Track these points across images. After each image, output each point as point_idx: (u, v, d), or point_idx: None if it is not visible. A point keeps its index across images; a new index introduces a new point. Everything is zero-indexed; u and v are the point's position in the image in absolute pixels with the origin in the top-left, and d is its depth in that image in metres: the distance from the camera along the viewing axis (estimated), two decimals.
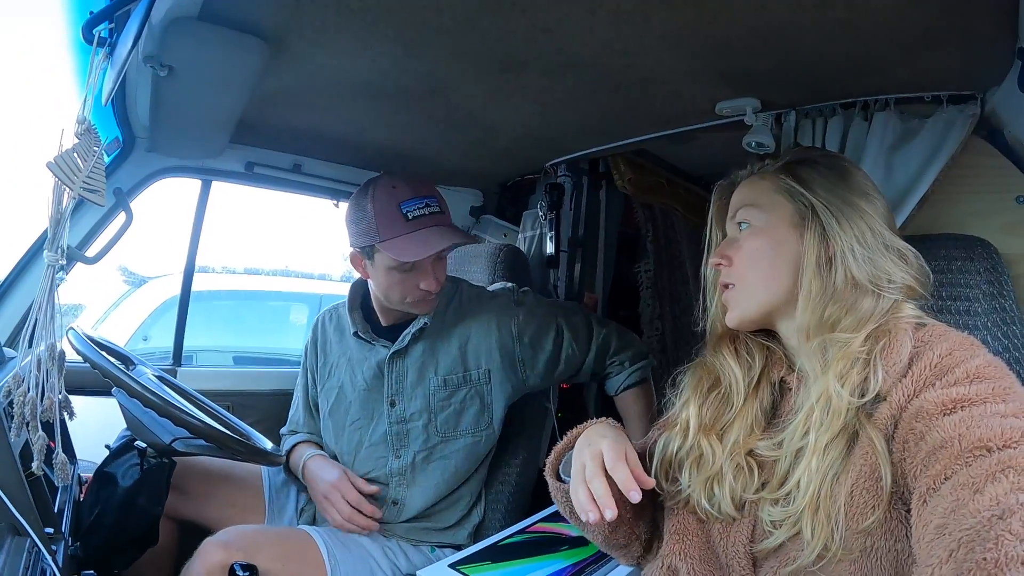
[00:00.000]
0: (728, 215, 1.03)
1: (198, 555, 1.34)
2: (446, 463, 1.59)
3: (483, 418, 1.60)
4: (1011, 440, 0.65)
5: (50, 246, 1.02)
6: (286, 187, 2.11)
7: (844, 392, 0.82)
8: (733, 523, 0.93)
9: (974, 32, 1.09)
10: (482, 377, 1.58)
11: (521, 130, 1.81)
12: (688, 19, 1.12)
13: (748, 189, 1.01)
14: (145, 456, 1.31)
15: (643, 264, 2.39)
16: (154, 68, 1.25)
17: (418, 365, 1.60)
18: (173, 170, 1.84)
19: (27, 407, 0.97)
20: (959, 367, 0.78)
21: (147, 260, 4.93)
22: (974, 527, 0.57)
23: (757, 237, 0.97)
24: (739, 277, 0.97)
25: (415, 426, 1.59)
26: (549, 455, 1.15)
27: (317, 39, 1.25)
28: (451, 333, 1.61)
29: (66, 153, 0.98)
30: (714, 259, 1.02)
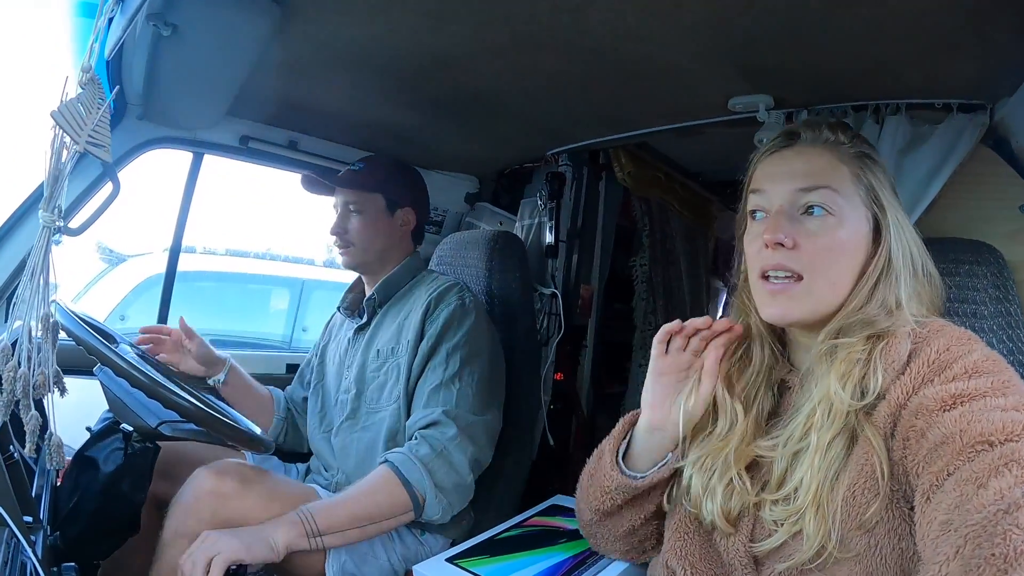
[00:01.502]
0: (790, 182, 0.89)
1: (190, 482, 1.29)
2: (369, 436, 1.57)
3: (395, 391, 1.55)
4: (1013, 434, 0.65)
5: (46, 205, 0.95)
6: (281, 164, 2.04)
7: (845, 394, 0.81)
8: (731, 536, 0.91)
9: (992, 42, 1.10)
10: (403, 349, 1.56)
11: (526, 115, 1.79)
12: (719, 9, 1.11)
13: (827, 166, 0.89)
14: (130, 440, 1.25)
15: (638, 258, 2.38)
16: (157, 26, 1.18)
17: (370, 338, 1.65)
18: (165, 140, 1.76)
19: (19, 383, 0.90)
20: (957, 362, 0.77)
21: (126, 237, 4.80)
22: (980, 523, 0.57)
23: (837, 230, 0.87)
24: (807, 268, 0.86)
25: (349, 397, 1.62)
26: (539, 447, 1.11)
27: (334, 5, 1.20)
28: (400, 310, 1.63)
29: (71, 102, 0.91)
30: (775, 236, 0.86)
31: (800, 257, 0.86)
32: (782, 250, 0.86)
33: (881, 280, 0.87)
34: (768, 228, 0.88)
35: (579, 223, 2.24)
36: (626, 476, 0.99)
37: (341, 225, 1.64)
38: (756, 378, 0.96)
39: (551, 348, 2.15)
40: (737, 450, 0.92)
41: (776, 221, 0.88)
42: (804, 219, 0.88)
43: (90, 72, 0.94)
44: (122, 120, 1.66)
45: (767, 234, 0.87)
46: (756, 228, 0.92)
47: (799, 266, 0.86)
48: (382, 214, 1.65)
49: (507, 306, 1.81)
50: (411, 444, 1.41)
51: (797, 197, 0.88)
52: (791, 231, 0.86)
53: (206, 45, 1.29)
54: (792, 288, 0.87)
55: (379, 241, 1.64)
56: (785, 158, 0.92)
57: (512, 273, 1.83)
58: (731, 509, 0.90)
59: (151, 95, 1.54)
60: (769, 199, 0.91)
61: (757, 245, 0.90)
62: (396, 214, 1.66)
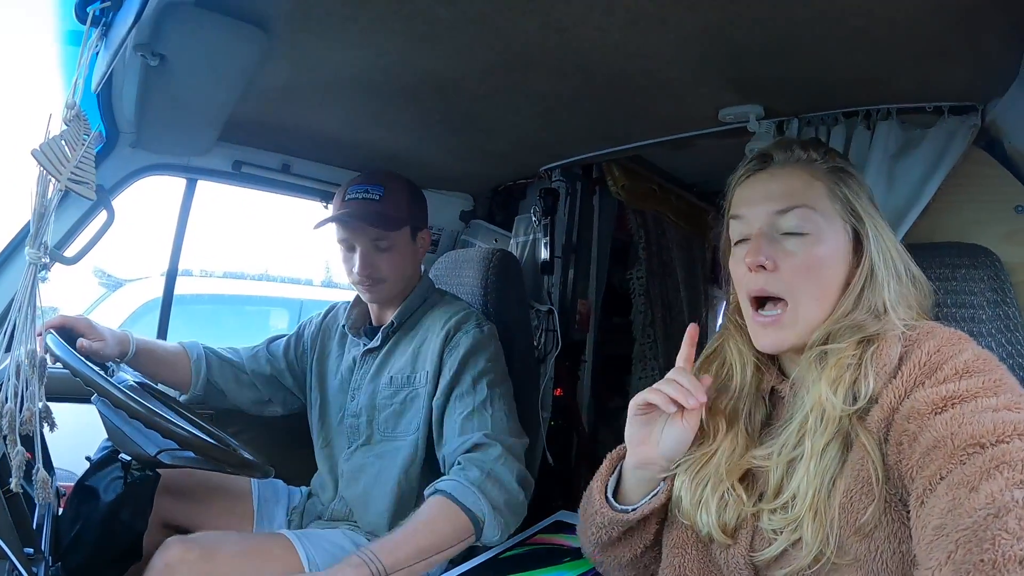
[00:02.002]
0: (767, 204, 0.91)
1: (160, 550, 1.30)
2: (382, 463, 1.55)
3: (414, 421, 1.54)
4: (1004, 435, 0.65)
5: (32, 242, 0.96)
6: (274, 188, 2.05)
7: (836, 400, 0.81)
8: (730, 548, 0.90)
9: (981, 45, 1.10)
10: (422, 379, 1.54)
11: (518, 133, 1.79)
12: (706, 23, 1.11)
13: (802, 185, 0.91)
14: (129, 469, 1.24)
15: (635, 271, 2.38)
16: (145, 56, 1.18)
17: (380, 363, 1.63)
18: (158, 167, 1.77)
19: (4, 419, 0.90)
20: (948, 363, 0.77)
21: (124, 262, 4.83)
22: (971, 527, 0.57)
23: (816, 247, 0.88)
24: (789, 290, 0.88)
25: (361, 422, 1.60)
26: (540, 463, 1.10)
27: (321, 30, 1.20)
28: (414, 335, 1.61)
29: (53, 140, 0.92)
30: (755, 259, 0.88)
31: (781, 278, 0.88)
32: (763, 272, 0.89)
33: (866, 288, 0.88)
34: (749, 252, 0.90)
35: (574, 238, 2.24)
36: (617, 511, 0.98)
37: (370, 264, 1.57)
38: (740, 393, 0.96)
39: (549, 364, 2.14)
40: (729, 462, 0.92)
41: (756, 244, 0.90)
42: (783, 239, 0.90)
43: (74, 108, 0.94)
44: (115, 148, 1.67)
45: (748, 258, 0.89)
46: (739, 252, 0.94)
47: (780, 288, 0.89)
48: (408, 244, 1.62)
49: (504, 324, 1.80)
50: (456, 470, 1.38)
51: (775, 219, 0.91)
52: (771, 253, 0.89)
53: (194, 73, 1.29)
54: (781, 319, 0.89)
55: (408, 270, 1.63)
56: (760, 181, 0.95)
57: (508, 291, 1.83)
58: (727, 521, 0.89)
59: (143, 123, 1.54)
60: (749, 223, 0.93)
61: (742, 269, 0.92)
62: (417, 239, 1.65)
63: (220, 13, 1.12)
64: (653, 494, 0.97)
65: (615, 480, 1.03)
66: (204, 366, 1.70)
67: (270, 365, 1.78)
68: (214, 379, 1.70)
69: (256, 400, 1.77)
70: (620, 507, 0.98)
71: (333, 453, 1.66)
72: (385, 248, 1.57)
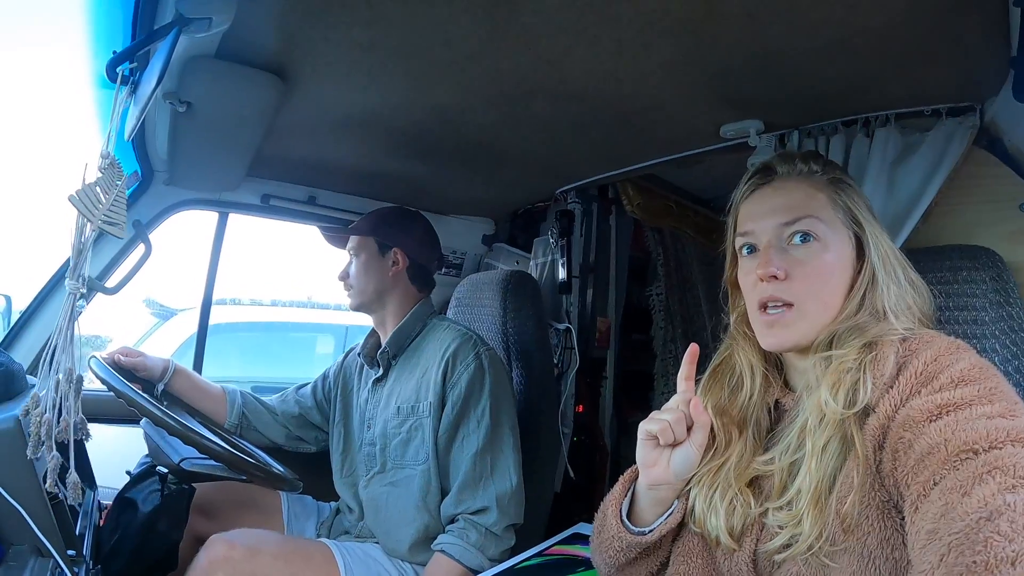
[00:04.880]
0: (773, 218, 0.94)
1: (204, 548, 1.37)
2: (398, 491, 1.61)
3: (421, 451, 1.59)
4: (997, 441, 0.66)
5: (71, 274, 1.06)
6: (302, 219, 2.15)
7: (835, 403, 0.83)
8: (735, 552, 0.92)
9: (967, 44, 1.11)
10: (425, 410, 1.60)
11: (530, 159, 1.85)
12: (687, 47, 1.16)
13: (805, 197, 0.94)
14: (166, 482, 1.34)
15: (655, 287, 2.40)
16: (173, 104, 1.30)
17: (388, 392, 1.69)
18: (191, 203, 1.89)
19: (43, 427, 1.00)
20: (944, 372, 0.78)
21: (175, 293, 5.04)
22: (963, 530, 0.58)
23: (824, 254, 0.91)
24: (799, 296, 0.90)
25: (376, 450, 1.66)
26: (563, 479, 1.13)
27: (330, 75, 1.30)
28: (416, 364, 1.67)
29: (88, 187, 1.02)
30: (767, 270, 0.91)
31: (791, 286, 0.90)
32: (775, 282, 0.91)
33: (868, 292, 0.90)
34: (760, 263, 0.92)
35: (591, 257, 2.28)
36: (633, 534, 0.99)
37: (345, 270, 1.74)
38: (749, 401, 0.98)
39: (569, 380, 2.18)
40: (736, 468, 0.94)
41: (766, 255, 0.92)
42: (792, 249, 0.92)
43: (108, 158, 1.04)
44: (150, 186, 1.80)
45: (760, 269, 0.91)
46: (749, 264, 0.96)
47: (791, 295, 0.90)
48: (374, 256, 1.71)
49: (523, 343, 1.85)
50: (461, 529, 1.50)
51: (782, 231, 0.93)
52: (782, 263, 0.91)
53: (219, 117, 1.40)
54: (786, 316, 0.91)
55: (372, 282, 1.70)
56: (765, 195, 0.97)
57: (526, 311, 1.88)
58: (734, 525, 0.91)
59: (175, 163, 1.66)
60: (757, 237, 0.95)
61: (752, 279, 0.94)
62: (387, 256, 1.72)
63: (239, 63, 1.23)
64: (668, 514, 0.98)
65: (628, 501, 1.04)
66: (239, 399, 1.81)
67: (298, 406, 1.87)
68: (248, 413, 1.81)
69: (288, 437, 1.86)
70: (637, 530, 1.00)
71: (355, 482, 1.73)
72: (354, 255, 1.73)
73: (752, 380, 0.99)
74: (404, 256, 1.73)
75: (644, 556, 1.02)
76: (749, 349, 1.00)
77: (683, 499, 0.98)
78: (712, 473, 0.96)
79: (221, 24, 1.05)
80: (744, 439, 0.96)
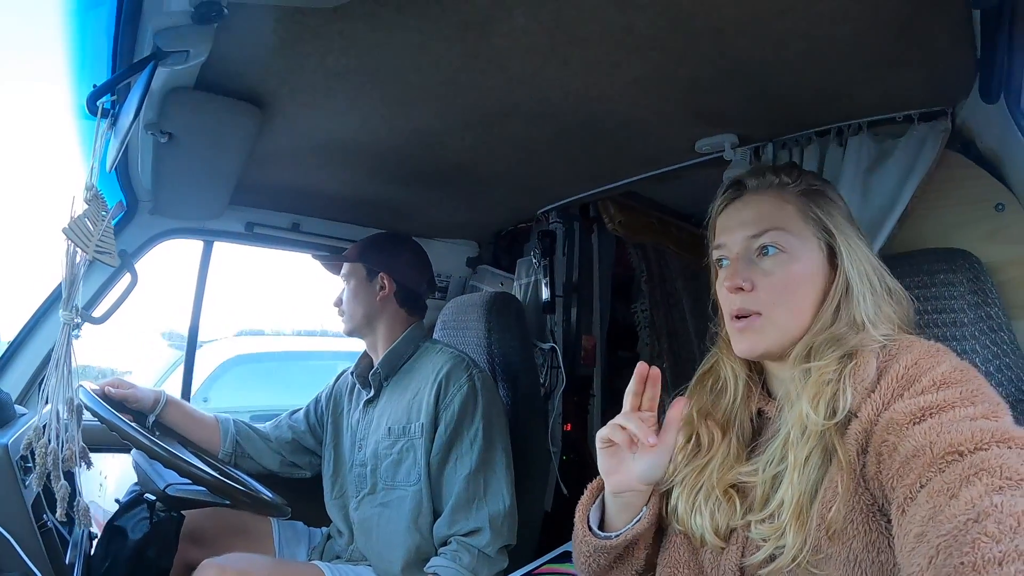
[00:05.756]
0: (742, 231, 0.97)
1: (196, 573, 1.37)
2: (389, 512, 1.61)
3: (413, 472, 1.59)
4: (982, 443, 0.66)
5: (65, 305, 1.08)
6: (286, 246, 2.16)
7: (816, 415, 0.83)
8: (722, 551, 0.93)
9: (933, 49, 1.13)
10: (417, 431, 1.60)
11: (510, 179, 1.87)
12: (656, 64, 1.18)
13: (773, 209, 0.96)
14: (154, 510, 1.33)
15: (639, 304, 2.41)
16: (154, 135, 1.32)
17: (379, 413, 1.70)
18: (176, 232, 1.90)
19: (49, 457, 1.02)
20: (925, 375, 0.79)
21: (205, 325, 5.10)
22: (951, 532, 0.58)
23: (790, 265, 0.93)
24: (766, 306, 0.93)
25: (367, 471, 1.66)
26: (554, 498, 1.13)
27: (308, 102, 1.32)
28: (407, 386, 1.68)
29: (79, 218, 1.05)
30: (733, 282, 0.94)
31: (758, 297, 0.93)
32: (742, 293, 0.94)
33: (843, 301, 0.92)
34: (728, 275, 0.96)
35: (574, 277, 2.29)
36: (599, 538, 1.00)
37: (338, 296, 1.76)
38: (732, 405, 1.00)
39: (556, 400, 2.18)
40: (720, 471, 0.95)
41: (734, 268, 0.96)
42: (759, 261, 0.95)
43: (92, 190, 1.06)
44: (135, 216, 1.81)
45: (727, 281, 0.95)
46: (721, 276, 0.99)
47: (758, 306, 0.93)
48: (363, 282, 1.74)
49: (508, 364, 1.86)
50: (454, 551, 1.50)
51: (750, 243, 0.96)
52: (748, 275, 0.94)
53: (200, 147, 1.41)
54: (754, 323, 0.93)
55: (361, 307, 1.73)
56: (736, 209, 1.01)
57: (510, 331, 1.90)
58: (719, 527, 0.92)
59: (159, 192, 1.67)
60: (728, 249, 0.99)
61: (724, 291, 0.97)
62: (374, 280, 1.74)
63: (217, 93, 1.25)
64: (636, 520, 0.99)
65: (599, 508, 1.05)
66: (232, 428, 1.80)
67: (292, 431, 1.86)
68: (242, 441, 1.79)
69: (282, 463, 1.85)
70: (603, 535, 1.00)
71: (345, 503, 1.73)
72: (346, 281, 1.77)
73: (736, 386, 1.01)
74: (391, 281, 1.74)
75: (618, 562, 1.02)
76: (733, 357, 1.02)
77: (652, 505, 0.99)
78: (696, 473, 0.97)
79: (198, 56, 1.07)
80: (728, 441, 0.97)
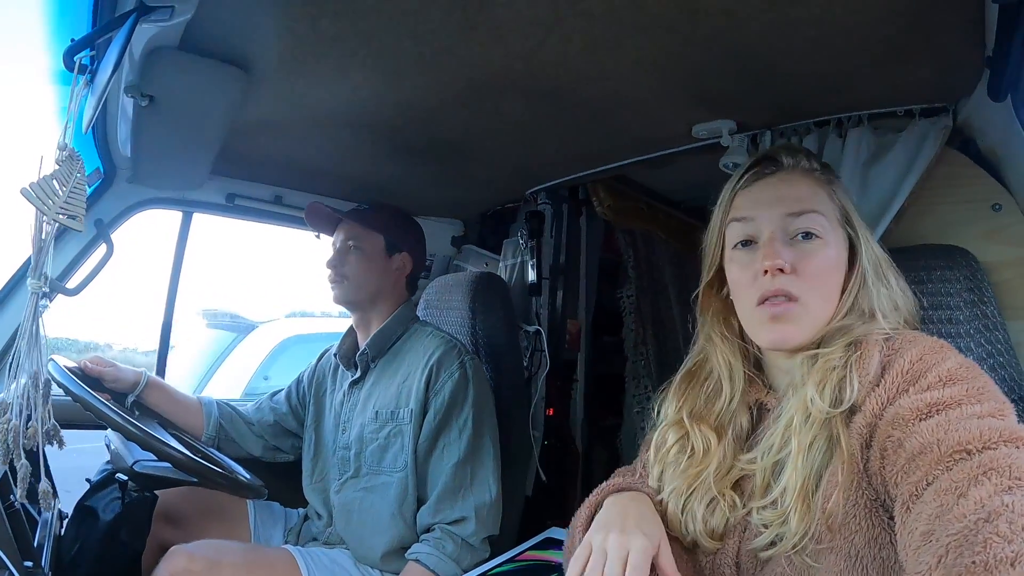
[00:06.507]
0: (780, 207, 0.92)
1: (164, 559, 1.33)
2: (372, 497, 1.58)
3: (400, 458, 1.56)
4: (990, 441, 0.65)
5: (33, 273, 1.02)
6: (268, 219, 2.10)
7: (821, 401, 0.82)
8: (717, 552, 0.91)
9: (941, 44, 1.12)
10: (406, 417, 1.57)
11: (501, 158, 1.83)
12: (661, 45, 1.15)
13: (811, 192, 0.93)
14: (127, 489, 1.29)
15: (625, 290, 2.40)
16: (135, 98, 1.25)
17: (366, 395, 1.66)
18: (154, 201, 1.83)
19: (10, 435, 0.97)
20: (931, 371, 0.78)
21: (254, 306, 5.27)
22: (961, 532, 0.57)
23: (827, 251, 0.90)
24: (804, 292, 0.88)
25: (350, 455, 1.63)
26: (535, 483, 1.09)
27: (297, 68, 1.26)
28: (396, 369, 1.64)
29: (44, 179, 0.98)
30: (774, 262, 0.87)
31: (798, 281, 0.88)
32: (781, 276, 0.88)
33: (860, 293, 0.90)
34: (766, 255, 0.89)
35: (562, 259, 2.26)
36: None
37: (339, 259, 1.68)
38: (727, 407, 0.97)
39: (539, 383, 2.16)
40: (718, 473, 0.93)
41: (772, 248, 0.89)
42: (797, 244, 0.90)
43: (67, 149, 1.00)
44: (112, 184, 1.73)
45: (767, 260, 0.88)
46: (746, 257, 0.93)
47: (798, 290, 0.88)
48: (380, 255, 1.69)
49: (492, 345, 1.83)
50: (437, 539, 1.47)
51: (787, 222, 0.91)
52: (789, 256, 0.88)
53: (182, 112, 1.34)
54: (791, 311, 0.88)
55: (373, 281, 1.67)
56: (771, 184, 0.95)
57: (495, 313, 1.87)
58: (714, 527, 0.90)
59: (138, 160, 1.59)
60: (758, 226, 0.93)
61: (750, 273, 0.91)
62: (394, 257, 1.70)
63: (202, 55, 1.18)
64: None
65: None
66: (216, 411, 1.75)
67: (273, 413, 1.82)
68: (225, 424, 1.75)
69: (265, 447, 1.81)
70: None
71: (326, 487, 1.69)
72: (355, 247, 1.68)
73: (731, 384, 0.98)
74: (410, 261, 1.72)
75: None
76: (727, 351, 0.99)
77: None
78: (688, 480, 0.94)
79: (184, 13, 1.02)
80: (723, 445, 0.95)
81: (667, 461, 0.99)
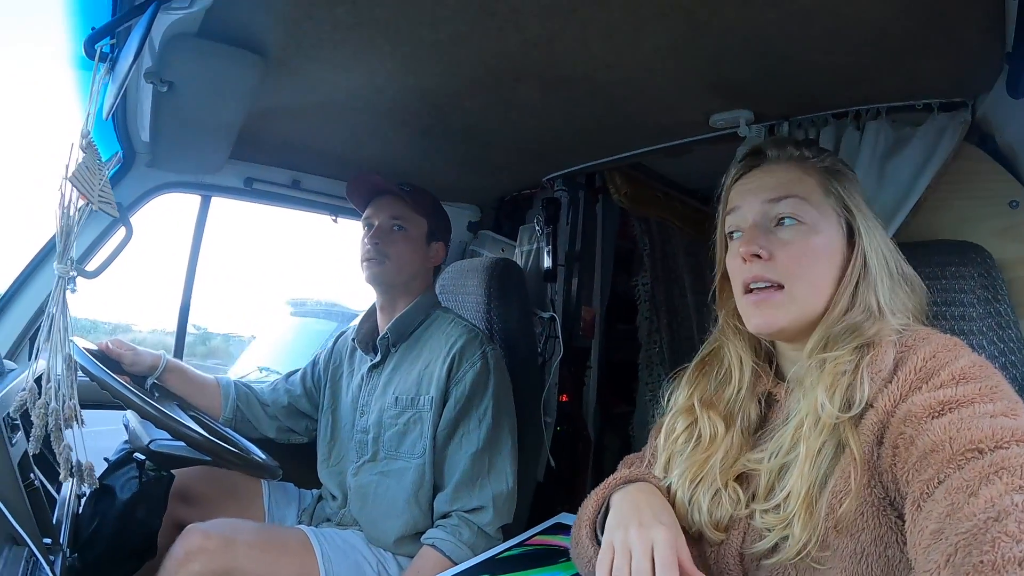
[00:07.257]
0: (760, 195, 0.92)
1: (180, 538, 1.35)
2: (388, 482, 1.59)
3: (419, 445, 1.57)
4: (1003, 440, 0.65)
5: (60, 258, 1.04)
6: (286, 203, 2.12)
7: (831, 406, 0.81)
8: (721, 544, 0.92)
9: (961, 39, 1.11)
10: (426, 404, 1.57)
11: (518, 145, 1.83)
12: (680, 32, 1.14)
13: (793, 178, 0.92)
14: (143, 469, 1.32)
15: (640, 277, 2.40)
16: (154, 84, 1.27)
17: (386, 380, 1.65)
18: (173, 185, 1.85)
19: (51, 418, 0.99)
20: (944, 369, 0.77)
21: (357, 297, 5.43)
22: (970, 530, 0.57)
23: (809, 237, 0.89)
24: (785, 277, 0.88)
25: (368, 438, 1.63)
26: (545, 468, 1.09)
27: (314, 54, 1.27)
28: (418, 355, 1.64)
29: (80, 166, 1.00)
30: (749, 248, 0.89)
31: (776, 267, 0.88)
32: (759, 262, 0.89)
33: (860, 283, 0.89)
34: (744, 242, 0.90)
35: (577, 246, 2.26)
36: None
37: (384, 236, 1.63)
38: (737, 396, 0.97)
39: (552, 369, 2.17)
40: (723, 463, 0.93)
41: (750, 235, 0.91)
42: (777, 230, 0.91)
43: (87, 137, 1.01)
44: (132, 168, 1.75)
45: (743, 247, 0.90)
46: (734, 246, 0.94)
47: (776, 275, 0.88)
48: (422, 240, 1.68)
49: (507, 331, 1.84)
50: (454, 525, 1.48)
51: (768, 208, 0.91)
52: (765, 243, 0.89)
53: (201, 97, 1.37)
54: (774, 296, 0.89)
55: (414, 265, 1.66)
56: (754, 176, 0.96)
57: (511, 299, 1.87)
58: (719, 519, 0.90)
59: (157, 144, 1.63)
60: (743, 215, 0.94)
61: (737, 261, 0.92)
62: (432, 245, 1.69)
63: (221, 42, 1.20)
64: None
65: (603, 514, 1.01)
66: (233, 391, 1.76)
67: (288, 395, 1.83)
68: (242, 406, 1.77)
69: (280, 428, 1.83)
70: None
71: (342, 469, 1.70)
72: (399, 228, 1.64)
73: (741, 374, 0.98)
74: (443, 252, 1.72)
75: None
76: (739, 343, 0.99)
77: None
78: (695, 467, 0.95)
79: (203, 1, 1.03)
80: (731, 434, 0.94)
81: (675, 449, 0.99)
